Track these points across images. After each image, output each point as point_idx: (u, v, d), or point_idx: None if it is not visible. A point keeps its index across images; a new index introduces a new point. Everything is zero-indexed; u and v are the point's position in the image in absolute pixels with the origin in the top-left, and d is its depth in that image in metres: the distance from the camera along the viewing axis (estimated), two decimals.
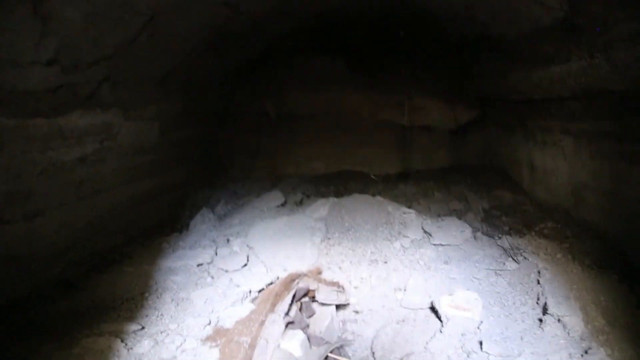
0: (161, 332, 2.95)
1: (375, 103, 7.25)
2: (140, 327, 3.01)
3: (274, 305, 2.89)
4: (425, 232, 4.41)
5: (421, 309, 3.38)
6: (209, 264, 3.94)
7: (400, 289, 3.63)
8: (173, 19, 3.96)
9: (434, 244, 4.23)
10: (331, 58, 7.08)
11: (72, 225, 3.76)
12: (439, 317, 3.18)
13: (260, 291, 3.40)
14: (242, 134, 6.90)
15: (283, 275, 3.60)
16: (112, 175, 4.13)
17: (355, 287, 3.70)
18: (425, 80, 7.17)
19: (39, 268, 3.52)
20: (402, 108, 7.25)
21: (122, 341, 2.81)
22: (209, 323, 3.01)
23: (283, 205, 5.13)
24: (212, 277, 3.75)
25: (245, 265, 3.84)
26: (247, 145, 6.91)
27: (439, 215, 4.95)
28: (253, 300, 3.26)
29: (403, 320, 3.27)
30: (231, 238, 4.38)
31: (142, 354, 2.71)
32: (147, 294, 3.53)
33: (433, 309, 3.29)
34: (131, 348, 2.77)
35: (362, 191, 5.56)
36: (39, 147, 3.26)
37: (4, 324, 3.00)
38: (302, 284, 3.18)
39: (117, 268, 3.87)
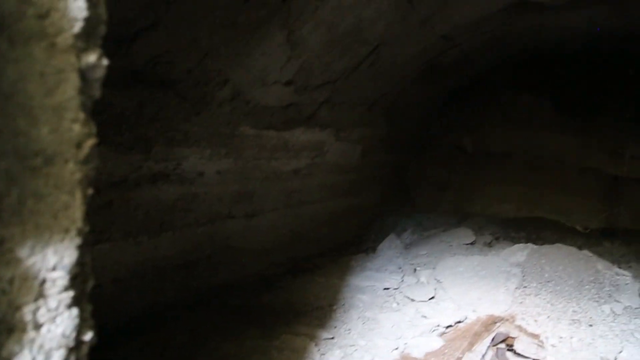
0: (350, 346, 3.04)
1: (582, 148, 6.60)
2: (330, 336, 3.15)
3: (471, 344, 2.76)
4: None
5: None
6: (395, 289, 3.97)
7: None
8: (392, 49, 4.16)
9: None
10: (537, 96, 6.67)
11: (278, 229, 4.15)
12: None
13: (448, 327, 3.29)
14: (432, 165, 6.87)
15: (472, 315, 3.44)
16: (317, 189, 4.47)
17: (553, 346, 3.34)
18: None
19: (248, 262, 3.95)
20: (614, 156, 6.47)
21: (315, 345, 2.97)
22: (397, 348, 3.01)
23: (472, 244, 4.94)
24: (398, 303, 3.76)
25: (433, 298, 3.77)
26: (436, 177, 6.85)
27: None
28: (441, 335, 3.17)
29: None
30: (418, 268, 4.36)
31: None
32: (335, 307, 3.68)
33: None
34: (323, 354, 2.90)
35: (557, 242, 5.07)
36: (266, 156, 3.69)
37: (216, 304, 3.43)
38: (502, 329, 2.99)
39: (310, 276, 4.12)
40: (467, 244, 4.94)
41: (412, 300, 3.78)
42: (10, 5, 0.70)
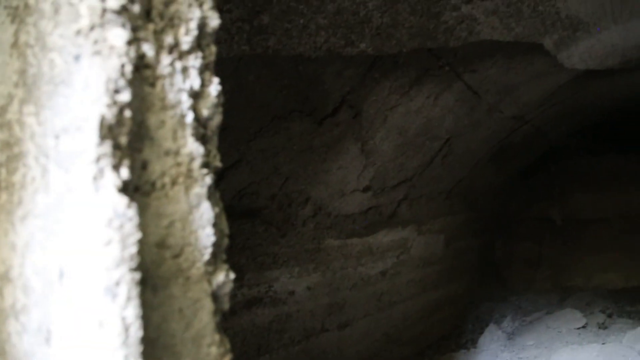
0: None
1: None
2: None
3: None
4: None
5: None
6: None
7: None
8: (463, 138, 4.15)
9: None
10: (624, 154, 6.30)
11: (372, 334, 4.00)
12: None
13: None
14: (519, 241, 6.52)
15: None
16: (405, 287, 4.33)
17: None
18: None
19: None
20: None
21: None
22: None
23: (584, 327, 4.50)
24: None
25: None
26: (526, 253, 6.46)
27: None
28: None
29: None
30: None
31: None
32: None
33: None
34: None
35: None
36: (352, 263, 3.65)
37: None
38: None
39: None
40: (579, 328, 4.50)
41: None
42: (152, 255, 0.74)
